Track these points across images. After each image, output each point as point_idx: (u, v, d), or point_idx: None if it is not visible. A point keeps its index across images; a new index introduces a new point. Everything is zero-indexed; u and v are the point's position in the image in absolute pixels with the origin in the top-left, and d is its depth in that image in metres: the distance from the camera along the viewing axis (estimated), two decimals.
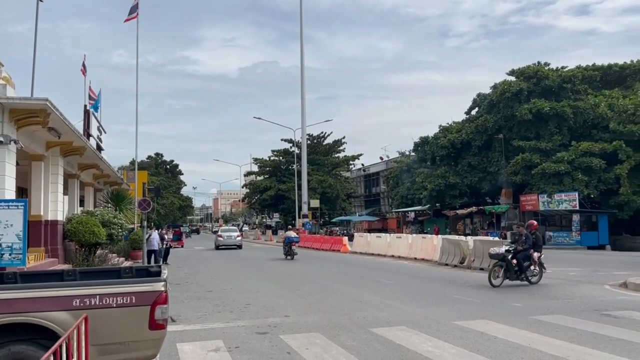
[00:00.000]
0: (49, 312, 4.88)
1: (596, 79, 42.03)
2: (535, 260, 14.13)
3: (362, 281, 15.97)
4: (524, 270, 13.95)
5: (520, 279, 13.96)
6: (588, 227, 35.87)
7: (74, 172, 20.99)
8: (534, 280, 14.21)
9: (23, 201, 11.05)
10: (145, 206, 22.71)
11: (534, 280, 14.21)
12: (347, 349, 7.34)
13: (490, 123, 41.22)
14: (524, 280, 14.04)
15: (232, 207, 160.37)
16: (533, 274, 14.23)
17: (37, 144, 15.27)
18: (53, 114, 12.77)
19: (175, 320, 9.47)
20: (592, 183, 35.66)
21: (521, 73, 41.56)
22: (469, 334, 8.21)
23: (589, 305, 10.76)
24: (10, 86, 12.43)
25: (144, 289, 5.22)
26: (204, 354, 7.23)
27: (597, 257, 26.05)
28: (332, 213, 65.47)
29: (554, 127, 38.38)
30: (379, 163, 71.16)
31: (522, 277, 13.97)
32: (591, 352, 6.99)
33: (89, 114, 22.31)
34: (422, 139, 49.23)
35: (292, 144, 63.82)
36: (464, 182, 43.11)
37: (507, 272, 13.85)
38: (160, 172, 78.89)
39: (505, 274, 13.83)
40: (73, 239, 17.88)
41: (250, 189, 71.62)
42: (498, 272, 13.89)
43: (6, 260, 10.24)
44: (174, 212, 78.12)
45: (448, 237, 24.12)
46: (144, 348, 5.28)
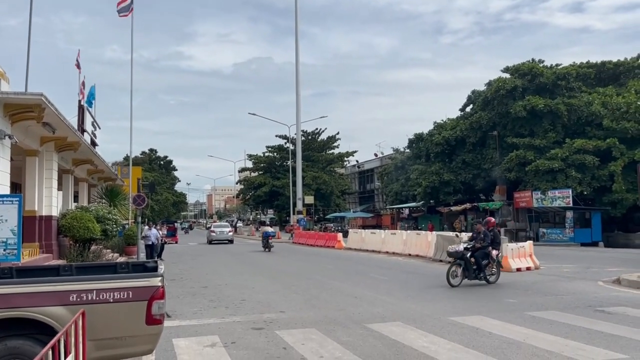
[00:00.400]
0: (46, 307, 4.87)
1: (590, 76, 42.18)
2: (494, 258, 13.73)
3: (357, 277, 16.00)
4: (483, 269, 13.45)
5: (479, 278, 13.47)
6: (581, 224, 36.07)
7: (68, 168, 20.91)
8: (492, 279, 13.72)
9: (18, 196, 10.99)
10: (140, 202, 22.65)
11: (492, 279, 13.72)
12: (342, 345, 7.37)
13: (484, 120, 41.32)
14: (483, 279, 13.53)
15: (227, 203, 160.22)
16: (491, 272, 13.76)
17: (31, 139, 15.21)
18: (48, 109, 12.72)
19: (171, 315, 9.47)
20: (586, 180, 35.84)
21: (516, 70, 41.66)
22: (464, 329, 8.26)
23: (583, 302, 10.83)
24: (4, 80, 12.37)
25: (141, 284, 5.21)
26: (200, 349, 7.24)
27: (590, 253, 26.22)
28: (327, 209, 65.57)
29: (548, 124, 38.52)
30: (374, 160, 71.24)
31: (480, 276, 13.46)
32: (585, 347, 7.05)
33: (84, 109, 22.23)
34: (417, 136, 49.30)
35: (287, 140, 63.83)
36: (458, 179, 43.23)
37: (466, 271, 13.29)
38: (154, 167, 78.73)
39: (464, 273, 13.27)
40: (67, 235, 17.84)
41: (244, 185, 71.65)
42: (457, 271, 13.27)
43: (1, 255, 10.19)
44: (168, 208, 77.97)
45: (442, 234, 24.19)
46: (141, 343, 5.28)
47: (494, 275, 13.84)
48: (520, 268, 16.95)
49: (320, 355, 6.82)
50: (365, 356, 6.76)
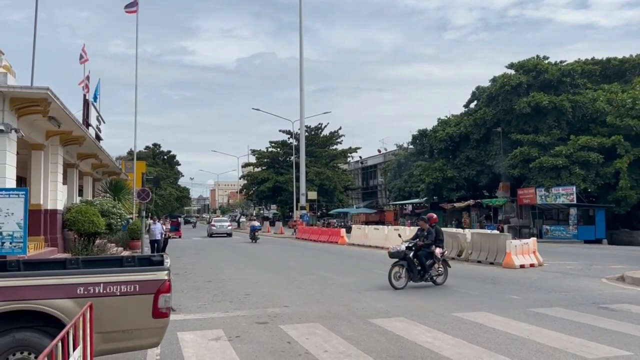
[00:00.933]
0: (54, 299, 4.91)
1: (595, 73, 42.00)
2: (438, 257, 12.76)
3: (360, 273, 16.03)
4: (428, 269, 12.54)
5: (424, 279, 12.55)
6: (585, 221, 35.98)
7: (73, 162, 20.98)
8: (439, 280, 12.84)
9: (24, 190, 11.04)
10: (145, 196, 22.71)
11: (439, 280, 12.84)
12: (346, 339, 7.40)
13: (488, 116, 41.21)
14: (429, 280, 12.63)
15: (230, 198, 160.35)
16: (438, 273, 12.87)
17: (37, 133, 15.26)
18: (53, 103, 12.76)
19: (176, 309, 9.51)
20: (590, 177, 35.72)
21: (520, 66, 41.50)
22: (467, 325, 8.28)
23: (587, 298, 10.84)
24: (11, 75, 12.41)
25: (147, 278, 5.25)
26: (205, 343, 7.28)
27: (594, 250, 26.18)
28: (330, 205, 65.57)
29: (553, 121, 38.39)
30: (377, 155, 71.18)
31: (426, 277, 12.54)
32: (589, 344, 7.06)
33: (88, 103, 22.25)
34: (421, 132, 49.19)
35: (290, 135, 63.77)
36: (462, 175, 43.15)
37: (410, 272, 12.34)
38: (157, 162, 78.89)
39: (408, 274, 12.33)
40: (72, 228, 17.90)
41: (247, 180, 71.66)
42: (400, 272, 12.32)
43: (7, 248, 10.25)
44: (171, 202, 78.19)
45: (445, 230, 24.15)
46: (147, 336, 5.32)
47: (441, 276, 12.91)
48: (524, 265, 16.95)
49: (325, 350, 6.86)
50: (369, 351, 6.79)
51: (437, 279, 12.84)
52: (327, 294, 11.69)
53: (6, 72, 12.23)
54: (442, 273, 12.96)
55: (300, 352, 6.78)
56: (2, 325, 4.88)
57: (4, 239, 10.26)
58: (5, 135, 12.01)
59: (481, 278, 14.33)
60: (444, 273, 13.00)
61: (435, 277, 12.78)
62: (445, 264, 13.10)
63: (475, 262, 18.37)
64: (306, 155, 50.84)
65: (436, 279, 12.81)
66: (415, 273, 12.39)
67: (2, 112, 12.04)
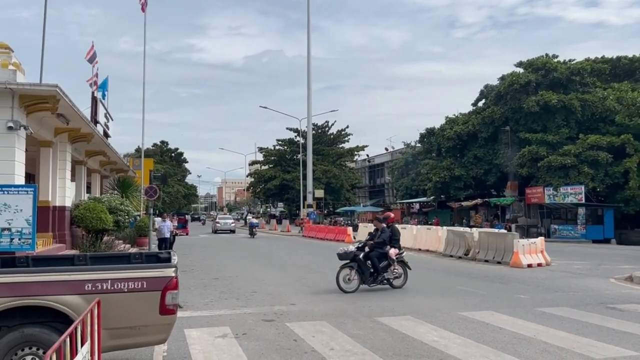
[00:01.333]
0: (62, 295, 4.94)
1: (605, 71, 41.68)
2: (393, 258, 12.00)
3: None
4: (381, 271, 11.84)
5: (377, 281, 11.86)
6: (594, 220, 35.76)
7: (81, 159, 21.09)
8: (397, 283, 12.10)
9: (32, 187, 11.13)
10: (152, 193, 22.78)
11: (397, 283, 12.10)
12: (353, 337, 7.41)
13: (497, 115, 41.02)
14: (385, 282, 11.99)
15: (237, 196, 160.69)
16: (395, 275, 12.10)
17: (45, 130, 15.35)
18: (62, 100, 12.82)
19: (183, 306, 9.55)
20: (599, 177, 35.49)
21: (529, 65, 41.27)
22: (474, 324, 8.26)
23: (595, 298, 10.78)
24: (20, 72, 12.49)
25: (155, 275, 5.28)
26: (212, 340, 7.31)
27: (602, 250, 26.03)
28: (337, 203, 65.54)
29: (562, 120, 38.16)
30: (384, 154, 71.03)
31: (379, 279, 11.85)
32: (596, 344, 7.03)
33: (97, 100, 22.35)
34: (428, 130, 49.02)
35: (297, 133, 63.76)
36: (470, 174, 42.99)
37: (362, 274, 11.70)
38: (165, 160, 79.07)
39: (360, 277, 11.70)
40: (80, 225, 18.00)
41: (255, 178, 71.71)
42: (351, 274, 11.64)
43: (16, 244, 10.34)
44: (179, 200, 78.40)
45: (453, 229, 24.14)
46: (154, 332, 5.36)
47: (399, 278, 12.16)
48: (531, 264, 16.88)
49: (331, 348, 6.87)
50: (375, 349, 6.79)
51: (395, 282, 12.10)
52: (333, 292, 11.69)
53: (15, 70, 12.31)
54: (401, 275, 12.21)
55: (306, 350, 6.79)
56: (11, 321, 4.93)
57: (13, 235, 10.36)
58: (14, 132, 12.10)
59: (488, 277, 14.29)
60: (403, 275, 12.25)
61: (392, 280, 12.06)
62: (404, 265, 12.32)
63: (483, 262, 18.32)
64: (313, 154, 50.82)
65: (393, 281, 12.08)
66: (366, 275, 11.72)
67: (12, 109, 12.12)
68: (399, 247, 12.44)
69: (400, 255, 12.32)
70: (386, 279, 11.99)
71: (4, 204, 10.38)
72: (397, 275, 12.15)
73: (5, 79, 11.79)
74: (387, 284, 12.05)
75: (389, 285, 12.04)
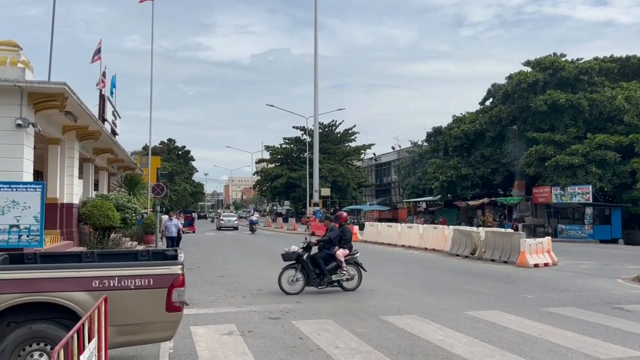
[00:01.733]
0: (70, 292, 4.98)
1: (613, 70, 41.41)
2: (341, 259, 11.44)
3: (372, 270, 15.95)
4: (327, 273, 11.31)
5: (324, 283, 11.38)
6: (601, 220, 35.57)
7: (89, 156, 21.18)
8: (348, 285, 11.58)
9: (41, 184, 11.20)
10: (159, 191, 22.86)
11: (348, 285, 11.58)
12: (358, 336, 7.42)
13: (504, 114, 40.87)
14: (335, 285, 11.52)
15: (243, 194, 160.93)
16: (346, 277, 11.55)
17: (54, 128, 15.43)
18: (70, 98, 12.88)
19: (189, 304, 9.59)
20: (607, 176, 35.30)
21: (537, 64, 41.08)
22: (480, 324, 8.25)
23: (601, 299, 10.74)
24: (28, 70, 12.56)
25: (161, 272, 5.31)
26: (218, 337, 7.34)
27: (609, 250, 25.90)
28: (343, 202, 65.50)
29: (569, 119, 37.97)
30: (391, 153, 70.93)
31: (325, 280, 11.34)
32: (602, 344, 7.00)
33: (104, 98, 22.44)
34: (435, 129, 48.92)
35: (304, 131, 63.81)
36: (476, 173, 42.85)
37: (307, 275, 11.27)
38: (172, 157, 79.27)
39: (306, 278, 11.27)
40: (87, 222, 18.09)
41: (261, 176, 71.82)
42: (295, 276, 11.25)
43: (24, 241, 10.41)
44: (185, 198, 78.56)
45: (459, 228, 24.09)
46: (161, 329, 5.39)
47: (352, 280, 11.64)
48: (538, 264, 16.83)
49: (336, 346, 6.88)
50: (380, 348, 6.80)
51: (348, 284, 11.60)
52: (338, 291, 11.71)
53: (24, 67, 12.38)
54: (353, 277, 11.67)
55: (311, 348, 6.81)
56: (19, 317, 4.97)
57: (21, 232, 10.43)
58: (22, 129, 12.17)
59: (494, 277, 14.26)
60: (356, 277, 11.70)
61: (343, 282, 11.58)
62: (358, 267, 11.78)
63: (489, 261, 18.28)
64: (320, 152, 50.80)
65: (344, 283, 11.59)
66: (311, 277, 11.26)
67: (20, 107, 12.20)
68: (350, 247, 11.86)
69: (352, 256, 11.76)
70: (335, 280, 11.50)
71: (13, 200, 10.46)
72: (347, 277, 11.59)
73: (14, 77, 11.86)
74: (338, 285, 11.56)
75: (340, 288, 11.53)
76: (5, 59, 12.45)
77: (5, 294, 4.87)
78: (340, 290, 11.63)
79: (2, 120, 12.07)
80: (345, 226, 12.08)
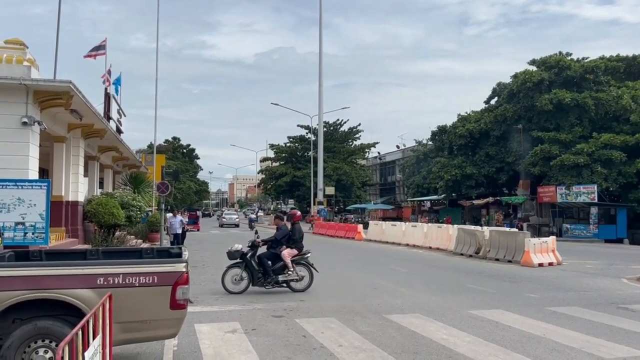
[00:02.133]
0: (74, 289, 5.02)
1: (620, 70, 41.19)
2: (287, 259, 11.15)
3: (376, 268, 16.04)
4: (271, 272, 11.05)
5: (270, 283, 11.10)
6: (606, 220, 35.43)
7: (94, 154, 21.27)
8: (297, 286, 11.25)
9: (46, 181, 11.27)
10: (164, 189, 22.93)
11: (297, 286, 11.25)
12: (361, 334, 7.43)
13: (509, 113, 40.73)
14: (282, 285, 11.21)
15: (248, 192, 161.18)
16: (293, 277, 11.23)
17: (59, 126, 15.50)
18: (76, 96, 12.95)
19: (193, 301, 9.62)
20: (612, 176, 35.15)
21: (542, 63, 40.91)
22: (483, 323, 8.25)
23: (606, 298, 10.72)
24: (34, 68, 12.62)
25: (165, 270, 5.34)
26: (222, 335, 7.37)
27: (614, 250, 25.81)
28: (347, 200, 65.47)
29: (575, 119, 37.81)
30: (395, 151, 70.82)
31: (269, 280, 11.07)
32: (606, 344, 6.99)
33: (110, 97, 22.51)
34: (440, 128, 48.81)
35: (308, 130, 63.80)
36: (481, 173, 42.74)
37: (252, 275, 11.04)
38: (177, 156, 79.47)
39: (250, 277, 11.05)
40: (93, 220, 18.17)
41: (265, 174, 71.92)
42: (239, 274, 11.04)
43: (29, 239, 10.48)
44: (190, 196, 78.77)
45: (464, 227, 24.04)
46: (165, 327, 5.42)
47: (302, 281, 11.31)
48: (542, 263, 16.80)
49: (340, 344, 6.89)
50: (384, 346, 6.81)
51: (296, 285, 11.27)
52: (342, 289, 11.73)
53: (30, 66, 12.44)
54: (302, 278, 11.34)
55: (315, 346, 6.83)
56: (25, 313, 5.01)
57: (27, 230, 10.49)
58: (28, 127, 12.24)
59: (498, 276, 14.24)
60: (307, 278, 11.38)
61: (293, 282, 11.27)
62: (309, 267, 11.47)
63: (493, 260, 18.25)
64: (324, 151, 50.82)
65: (293, 284, 11.27)
66: (255, 276, 11.01)
67: (26, 105, 12.26)
68: (300, 247, 11.55)
69: (301, 256, 11.47)
70: (282, 281, 11.22)
71: (18, 198, 10.53)
72: (296, 277, 11.27)
73: (20, 75, 11.94)
74: (287, 286, 11.26)
75: (289, 289, 11.24)
76: (12, 57, 12.52)
77: (11, 290, 4.90)
78: (343, 289, 11.65)
79: (8, 118, 12.14)
80: (297, 225, 11.80)
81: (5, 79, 11.77)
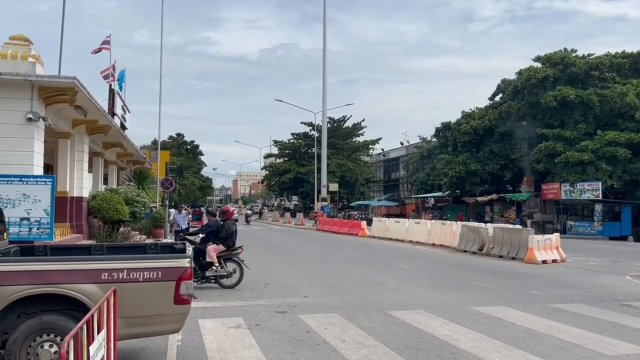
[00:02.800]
0: (79, 284, 5.04)
1: (625, 66, 41.00)
2: (211, 255, 11.09)
3: (380, 265, 16.05)
4: (196, 268, 10.82)
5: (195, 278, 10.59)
6: (610, 217, 35.36)
7: (98, 150, 21.34)
8: (226, 282, 11.20)
9: (51, 177, 11.32)
10: (168, 185, 23.01)
11: (226, 282, 11.20)
12: (365, 330, 7.45)
13: (514, 110, 40.64)
14: (210, 281, 11.22)
15: (252, 188, 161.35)
16: (220, 273, 11.20)
17: (63, 122, 15.56)
18: (80, 93, 12.99)
19: (197, 297, 9.66)
20: (617, 173, 35.05)
21: (547, 59, 40.77)
22: (486, 319, 8.26)
23: (609, 295, 10.70)
24: (39, 64, 12.66)
25: (169, 265, 5.36)
26: (225, 330, 7.40)
27: (618, 247, 25.74)
28: (351, 197, 65.53)
29: (579, 115, 37.69)
30: (399, 148, 70.79)
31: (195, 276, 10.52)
32: (610, 341, 6.99)
33: (114, 93, 22.58)
34: (444, 125, 48.74)
35: (312, 127, 63.82)
36: (485, 169, 42.69)
37: None
38: (181, 152, 79.53)
39: None
40: (97, 216, 18.25)
41: (269, 171, 71.98)
42: None
43: (34, 234, 10.54)
44: (194, 192, 78.88)
45: (467, 224, 24.01)
46: (169, 322, 5.44)
47: (231, 278, 11.26)
48: (546, 260, 16.78)
49: (343, 340, 6.92)
50: (386, 342, 6.83)
51: (224, 281, 11.21)
52: (346, 285, 11.75)
53: (35, 62, 12.49)
54: (232, 274, 11.27)
55: (318, 342, 6.85)
56: (30, 308, 5.04)
57: (32, 225, 10.55)
58: (33, 123, 12.29)
59: (502, 273, 14.23)
60: (237, 274, 11.30)
61: (221, 279, 11.22)
62: (239, 264, 11.38)
63: (497, 257, 18.24)
64: (328, 147, 50.80)
65: (222, 280, 11.22)
66: None
67: (31, 101, 12.31)
68: (228, 244, 11.46)
69: (229, 252, 11.41)
70: (211, 277, 11.19)
71: (23, 194, 10.58)
72: (224, 273, 11.22)
73: (25, 71, 11.99)
74: (215, 282, 11.22)
75: (218, 285, 11.18)
76: (16, 53, 12.57)
77: (17, 285, 4.94)
78: (346, 285, 11.66)
79: (13, 114, 12.20)
80: (227, 222, 11.70)
81: (10, 75, 11.83)
